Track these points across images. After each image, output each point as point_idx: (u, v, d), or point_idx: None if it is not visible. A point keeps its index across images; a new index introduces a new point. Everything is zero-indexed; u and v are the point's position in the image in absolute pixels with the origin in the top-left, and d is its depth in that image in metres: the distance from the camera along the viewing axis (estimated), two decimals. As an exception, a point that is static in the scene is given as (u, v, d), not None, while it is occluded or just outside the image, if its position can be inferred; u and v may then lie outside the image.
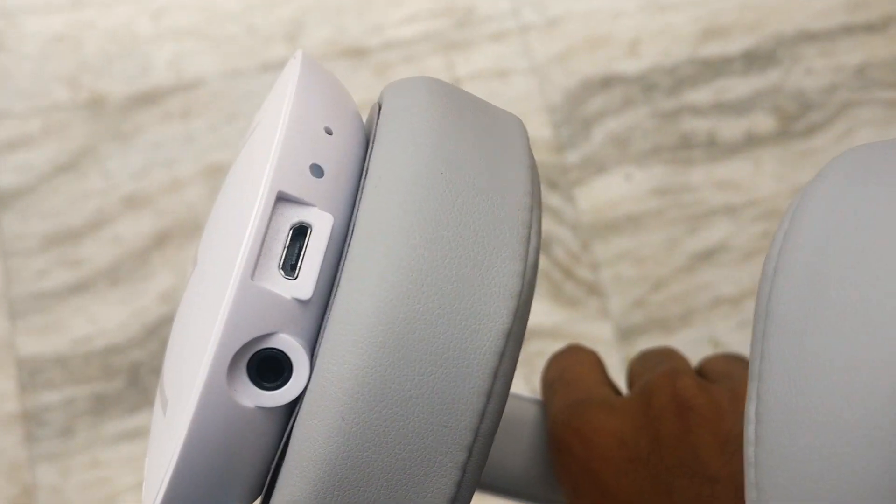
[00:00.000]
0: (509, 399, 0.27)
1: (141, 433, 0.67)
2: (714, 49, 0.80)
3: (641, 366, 0.32)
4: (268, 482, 0.17)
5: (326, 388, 0.16)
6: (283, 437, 0.16)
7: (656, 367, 0.30)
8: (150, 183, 0.73)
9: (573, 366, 0.31)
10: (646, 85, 0.78)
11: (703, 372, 0.31)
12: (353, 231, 0.16)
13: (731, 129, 0.76)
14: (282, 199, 0.16)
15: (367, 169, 0.17)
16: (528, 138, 0.19)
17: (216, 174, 0.73)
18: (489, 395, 0.16)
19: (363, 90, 0.76)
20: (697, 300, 0.71)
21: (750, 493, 0.15)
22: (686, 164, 0.75)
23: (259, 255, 0.16)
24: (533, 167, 0.18)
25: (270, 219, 0.16)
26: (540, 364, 0.68)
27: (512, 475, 0.29)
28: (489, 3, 0.79)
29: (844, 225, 0.15)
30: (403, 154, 0.17)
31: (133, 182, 0.73)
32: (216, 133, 0.75)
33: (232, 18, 0.78)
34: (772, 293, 0.16)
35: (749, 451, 0.15)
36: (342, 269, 0.16)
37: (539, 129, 0.76)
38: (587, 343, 0.51)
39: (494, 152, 0.18)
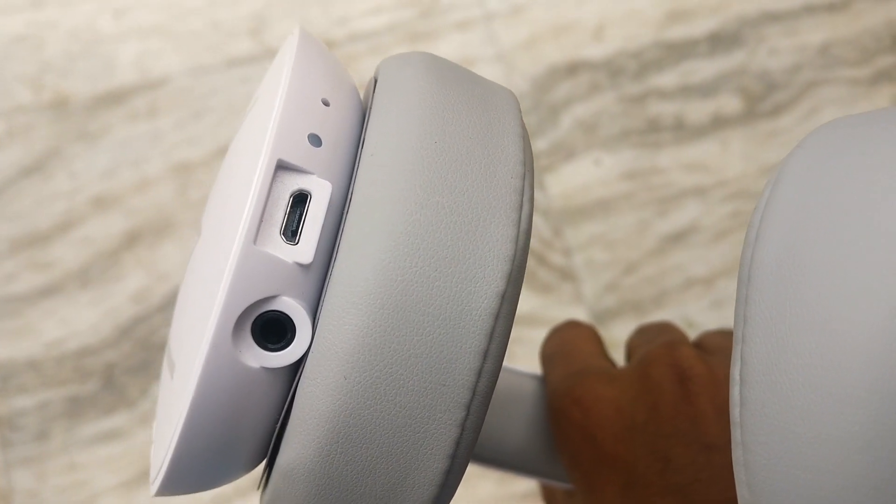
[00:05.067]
0: (509, 374, 0.28)
1: (118, 434, 0.67)
2: (679, 32, 0.80)
3: (640, 338, 0.33)
4: (272, 443, 0.18)
5: (329, 348, 0.16)
6: (287, 397, 0.17)
7: (654, 339, 0.30)
8: (119, 183, 0.72)
9: (572, 339, 0.32)
10: (612, 70, 0.78)
11: (700, 345, 0.31)
12: (350, 198, 0.17)
13: (697, 111, 0.77)
14: (281, 167, 0.16)
15: (364, 138, 0.18)
16: (519, 110, 0.20)
17: (185, 172, 0.73)
18: (485, 354, 0.17)
19: (330, 83, 0.76)
20: (669, 282, 0.72)
21: (736, 452, 0.16)
22: (654, 147, 0.75)
23: (261, 221, 0.16)
24: (525, 137, 0.19)
25: (271, 186, 0.16)
26: (516, 351, 0.69)
27: (513, 448, 0.29)
28: (453, -8, 0.79)
29: (822, 194, 0.16)
30: (398, 124, 0.17)
31: (101, 182, 0.72)
32: (183, 130, 0.74)
33: (195, 14, 0.78)
34: (753, 259, 0.16)
35: (735, 412, 0.16)
36: (341, 234, 0.17)
37: (507, 117, 0.76)
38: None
39: (487, 122, 0.18)
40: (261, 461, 0.19)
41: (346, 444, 0.16)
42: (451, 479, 0.17)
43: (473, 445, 0.17)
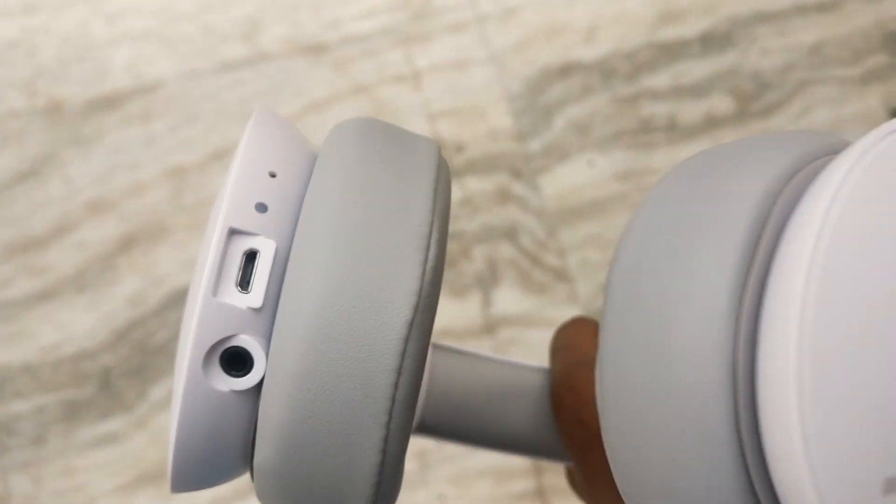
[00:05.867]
0: (520, 369, 0.34)
1: (115, 438, 0.67)
2: (671, 33, 0.80)
3: None
4: (252, 449, 0.23)
5: (276, 373, 0.21)
6: (256, 413, 0.22)
7: None
8: (113, 187, 0.73)
9: (575, 334, 0.36)
10: (604, 71, 0.78)
11: None
12: (291, 252, 0.21)
13: (690, 111, 0.77)
14: (234, 232, 0.21)
15: (304, 201, 0.22)
16: (437, 159, 0.24)
17: (179, 175, 0.73)
18: (399, 370, 0.21)
19: (324, 86, 0.76)
20: (663, 282, 0.72)
21: (601, 421, 0.20)
22: (647, 147, 0.76)
23: (218, 276, 0.21)
24: (437, 187, 0.23)
25: (225, 249, 0.21)
26: (513, 351, 0.69)
27: (523, 434, 0.34)
28: (446, -5, 0.80)
29: (667, 216, 0.19)
30: (326, 189, 0.22)
31: (95, 187, 0.73)
32: (177, 134, 0.74)
33: (187, 19, 0.78)
34: (612, 271, 0.20)
35: (599, 403, 0.20)
36: (285, 282, 0.21)
37: (500, 119, 0.76)
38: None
39: (403, 178, 0.23)
40: (248, 464, 0.24)
41: (298, 446, 0.21)
42: (387, 470, 0.22)
43: (403, 442, 0.22)
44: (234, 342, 0.21)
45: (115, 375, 0.68)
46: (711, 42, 0.80)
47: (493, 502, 0.67)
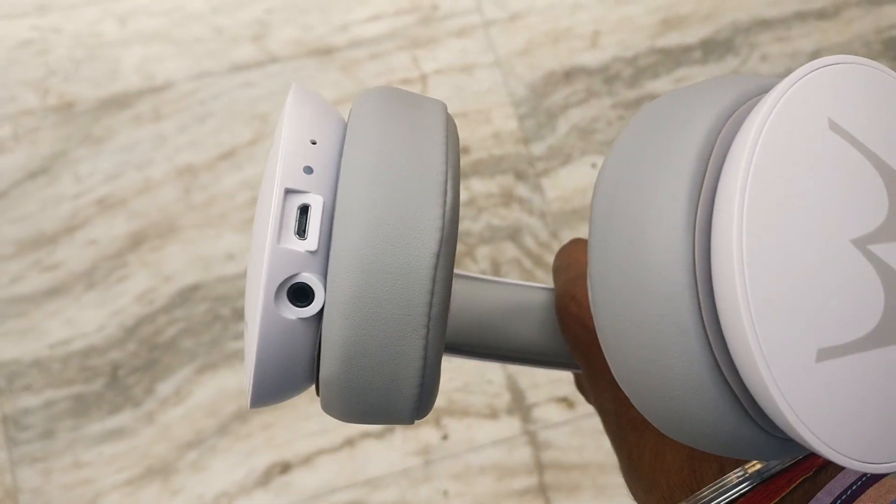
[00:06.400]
0: (528, 289, 0.38)
1: (123, 433, 0.68)
2: (673, 39, 0.81)
3: None
4: (316, 366, 0.27)
5: (334, 301, 0.25)
6: (318, 336, 0.27)
7: None
8: (123, 185, 0.74)
9: (573, 252, 0.39)
10: (607, 76, 0.79)
11: None
12: (336, 204, 0.26)
13: (691, 116, 0.78)
14: (288, 191, 0.26)
15: (341, 161, 0.27)
16: (446, 119, 0.28)
17: (188, 174, 0.74)
18: (432, 292, 0.26)
19: (332, 87, 0.77)
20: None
21: (595, 322, 0.25)
22: (649, 151, 0.77)
23: (280, 228, 0.26)
24: (447, 141, 0.28)
25: (283, 205, 0.26)
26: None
27: (533, 345, 0.38)
28: (452, 0, 0.81)
29: (633, 153, 0.24)
30: (358, 152, 0.27)
31: (106, 185, 0.73)
32: (187, 134, 0.75)
33: (198, 20, 0.79)
34: (595, 198, 0.25)
35: (590, 295, 0.25)
36: (333, 228, 0.26)
37: (505, 122, 0.77)
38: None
39: (419, 136, 0.27)
40: (313, 379, 0.28)
41: (355, 358, 0.26)
42: (428, 373, 0.27)
43: (439, 351, 0.26)
44: (298, 279, 0.26)
45: (124, 371, 0.69)
46: (713, 48, 0.81)
47: (495, 498, 0.68)
